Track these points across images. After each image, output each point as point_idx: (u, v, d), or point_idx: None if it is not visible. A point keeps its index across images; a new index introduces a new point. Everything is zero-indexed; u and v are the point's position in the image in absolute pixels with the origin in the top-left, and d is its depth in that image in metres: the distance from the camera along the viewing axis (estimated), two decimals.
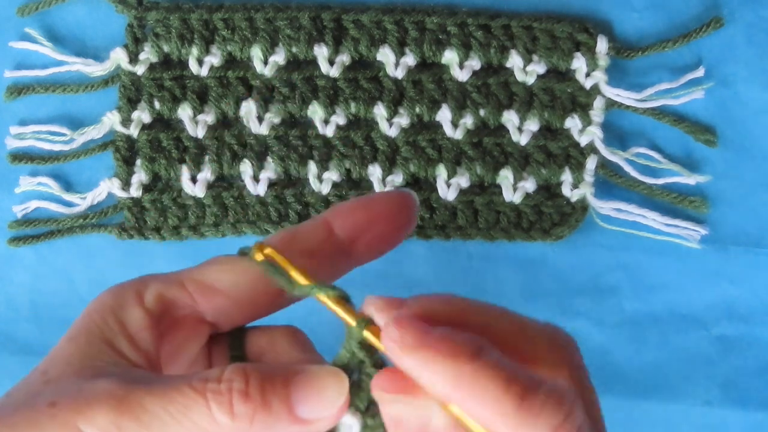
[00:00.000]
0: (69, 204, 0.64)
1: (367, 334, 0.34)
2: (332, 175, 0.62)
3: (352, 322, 0.34)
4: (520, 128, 0.62)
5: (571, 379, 0.32)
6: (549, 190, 0.63)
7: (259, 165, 0.63)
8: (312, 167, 0.63)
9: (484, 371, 0.30)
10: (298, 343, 0.40)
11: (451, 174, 0.62)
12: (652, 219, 0.62)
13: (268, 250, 0.37)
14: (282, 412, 0.34)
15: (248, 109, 0.63)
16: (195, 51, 0.63)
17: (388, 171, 0.62)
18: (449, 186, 0.62)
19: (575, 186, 0.62)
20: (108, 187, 0.63)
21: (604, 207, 0.62)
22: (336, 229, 0.39)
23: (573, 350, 0.34)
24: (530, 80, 0.62)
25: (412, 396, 0.32)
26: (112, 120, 0.63)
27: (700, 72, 0.62)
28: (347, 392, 0.34)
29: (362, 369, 0.34)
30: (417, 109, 0.62)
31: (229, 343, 0.40)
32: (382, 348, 0.33)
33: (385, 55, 0.62)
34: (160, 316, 0.37)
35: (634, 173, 0.62)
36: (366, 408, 0.35)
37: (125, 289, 0.38)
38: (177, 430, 0.33)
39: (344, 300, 0.35)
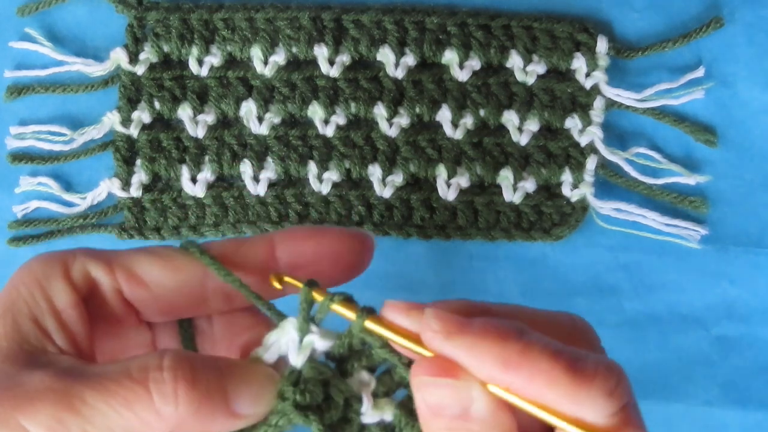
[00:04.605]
0: (69, 204, 0.64)
1: (369, 324, 0.35)
2: (332, 175, 0.62)
3: (352, 316, 0.35)
4: (520, 128, 0.62)
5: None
6: (549, 190, 0.63)
7: (259, 165, 0.63)
8: (312, 167, 0.63)
9: (530, 348, 0.30)
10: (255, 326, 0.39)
11: (451, 174, 0.62)
12: (652, 219, 0.61)
13: (287, 279, 0.37)
14: (220, 404, 0.34)
15: (248, 109, 0.63)
16: (195, 51, 0.63)
17: (388, 171, 0.62)
18: (449, 186, 0.62)
19: (575, 186, 0.62)
20: (108, 187, 0.63)
21: (604, 207, 0.62)
22: (278, 252, 0.38)
23: (592, 333, 0.35)
24: (530, 80, 0.62)
25: (454, 378, 0.32)
26: (112, 120, 0.63)
27: (700, 72, 0.62)
28: (276, 393, 0.35)
29: (392, 364, 0.35)
30: (417, 109, 0.62)
31: (180, 333, 0.39)
32: (385, 336, 0.34)
33: (385, 55, 0.62)
34: (88, 296, 0.36)
35: (634, 173, 0.62)
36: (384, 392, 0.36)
37: (53, 260, 0.36)
38: (119, 423, 0.32)
39: (348, 301, 0.36)
